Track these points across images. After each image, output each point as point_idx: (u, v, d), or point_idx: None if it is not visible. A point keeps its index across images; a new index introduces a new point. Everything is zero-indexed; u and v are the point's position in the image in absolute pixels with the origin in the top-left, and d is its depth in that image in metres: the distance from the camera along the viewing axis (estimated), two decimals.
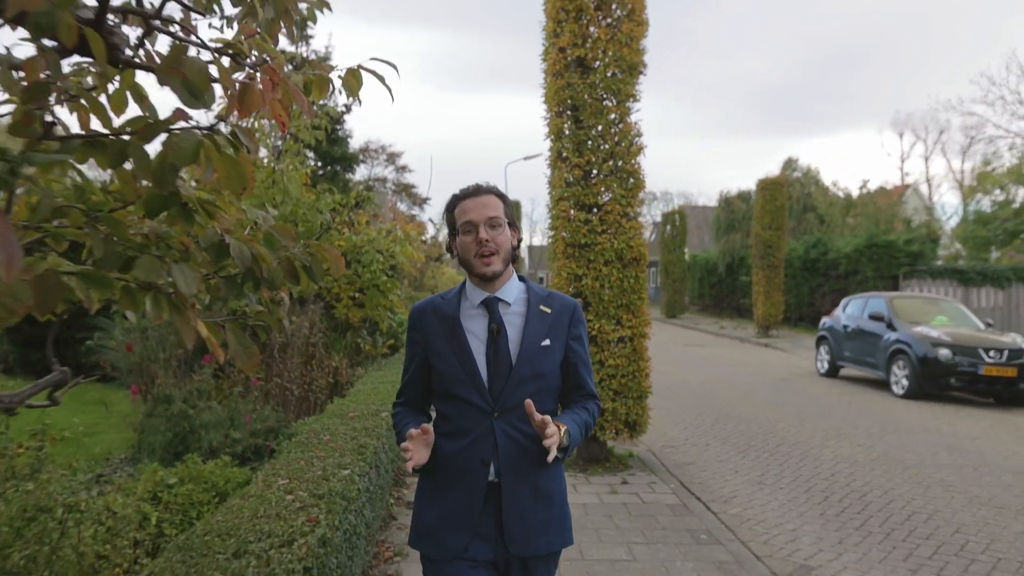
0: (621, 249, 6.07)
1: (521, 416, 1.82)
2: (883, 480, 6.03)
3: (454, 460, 1.85)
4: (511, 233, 1.90)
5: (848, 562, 4.31)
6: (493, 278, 1.86)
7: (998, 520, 5.06)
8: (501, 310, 1.89)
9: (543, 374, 1.88)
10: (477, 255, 1.84)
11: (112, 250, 1.41)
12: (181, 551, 2.10)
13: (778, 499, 5.54)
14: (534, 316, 1.89)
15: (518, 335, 1.87)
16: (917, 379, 10.00)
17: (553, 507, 1.90)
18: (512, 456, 1.83)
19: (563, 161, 6.22)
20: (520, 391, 1.83)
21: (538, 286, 1.99)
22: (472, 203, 1.87)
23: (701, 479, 6.07)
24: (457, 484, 1.85)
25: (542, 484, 1.88)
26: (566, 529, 1.93)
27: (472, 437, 1.84)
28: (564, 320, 1.93)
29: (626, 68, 6.10)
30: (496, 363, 1.84)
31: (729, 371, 13.17)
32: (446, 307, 1.92)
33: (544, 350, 1.88)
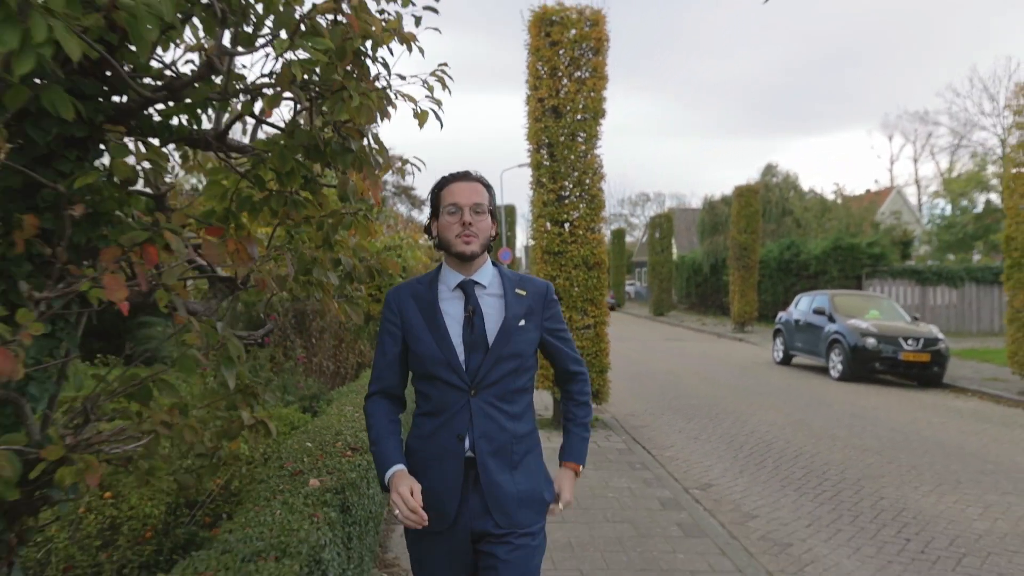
0: (586, 256, 7.79)
1: (497, 393, 1.91)
2: (789, 436, 7.76)
3: (433, 437, 1.93)
4: (491, 223, 1.98)
5: (741, 483, 6.01)
6: (471, 258, 1.92)
7: (863, 458, 6.77)
8: (476, 292, 1.96)
9: (519, 353, 1.93)
10: (459, 235, 1.90)
11: (302, 264, 3.11)
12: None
13: (704, 448, 7.26)
14: (510, 298, 1.96)
15: (495, 315, 1.94)
16: (849, 364, 11.75)
17: (531, 480, 1.95)
18: (487, 431, 1.89)
19: (541, 186, 7.94)
20: (497, 369, 1.90)
21: (510, 271, 2.06)
22: (460, 187, 1.94)
23: (649, 435, 7.78)
24: (437, 460, 1.91)
25: (518, 458, 1.93)
26: (545, 502, 1.99)
27: (449, 414, 1.90)
28: (539, 302, 2.00)
29: (591, 114, 7.82)
30: (472, 343, 1.90)
31: (698, 361, 14.90)
32: (423, 290, 1.98)
33: (520, 330, 1.94)
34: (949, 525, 4.94)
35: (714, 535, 4.56)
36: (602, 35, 7.85)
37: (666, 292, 31.80)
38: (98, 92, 2.15)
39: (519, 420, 1.95)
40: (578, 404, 2.14)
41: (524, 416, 1.98)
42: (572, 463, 2.08)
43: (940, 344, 11.46)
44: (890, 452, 7.04)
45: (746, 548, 4.44)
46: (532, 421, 2.03)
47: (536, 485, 1.96)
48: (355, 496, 3.10)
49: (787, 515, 5.15)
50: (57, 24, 1.56)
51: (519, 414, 1.96)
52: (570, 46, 7.79)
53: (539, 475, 1.99)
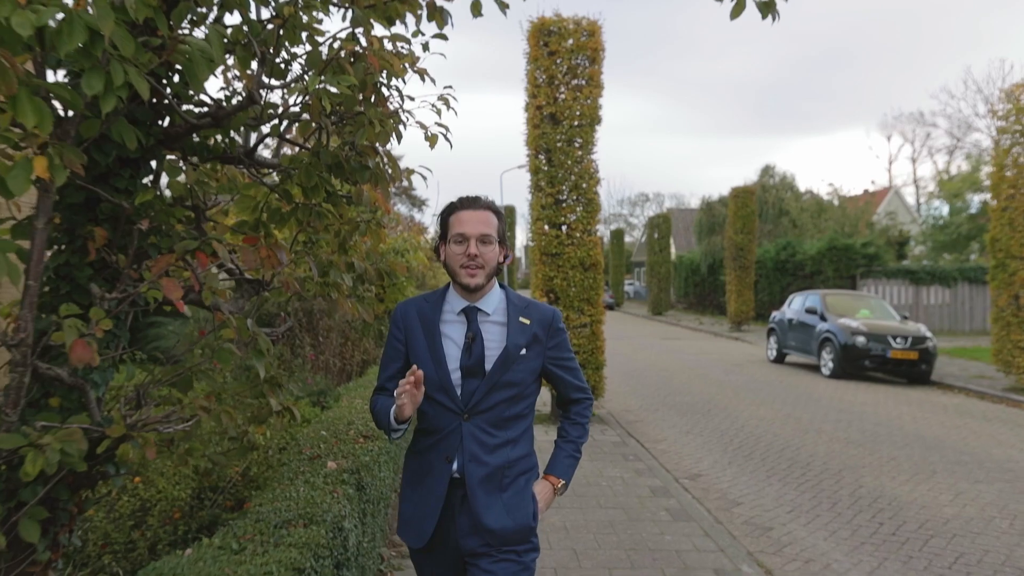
0: (583, 257, 8.11)
1: (490, 420, 1.92)
2: (777, 430, 8.07)
3: (425, 455, 1.97)
4: (499, 250, 1.96)
5: (729, 474, 6.33)
6: (475, 290, 1.93)
7: (846, 450, 7.09)
8: (480, 319, 1.96)
9: (516, 382, 1.94)
10: (463, 266, 1.90)
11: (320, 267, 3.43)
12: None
13: (695, 441, 7.58)
14: (513, 327, 1.95)
15: (496, 343, 1.94)
16: (839, 362, 12.07)
17: (517, 509, 1.95)
18: (476, 455, 1.90)
19: (539, 190, 8.26)
20: (492, 396, 1.92)
21: (517, 296, 2.05)
22: (468, 216, 1.92)
23: (642, 430, 8.10)
24: (426, 478, 1.95)
25: (508, 481, 1.95)
26: (531, 528, 1.97)
27: (441, 435, 1.93)
28: (543, 330, 1.99)
29: (587, 121, 8.14)
30: (470, 369, 1.92)
31: (694, 359, 15.22)
32: (428, 310, 2.00)
33: (520, 359, 1.94)
34: (920, 510, 5.26)
35: (700, 519, 4.88)
36: (598, 45, 8.16)
37: (664, 292, 32.13)
38: (149, 118, 2.46)
39: (514, 445, 1.96)
40: (573, 423, 2.14)
41: (520, 441, 1.99)
42: (553, 476, 2.07)
43: (928, 343, 11.78)
44: (872, 445, 7.36)
45: (729, 531, 4.76)
46: (529, 446, 2.03)
47: (522, 518, 1.94)
48: (369, 477, 3.41)
49: (770, 502, 5.47)
50: (131, 70, 1.88)
51: (514, 439, 1.97)
52: (567, 56, 8.10)
53: (526, 502, 1.97)
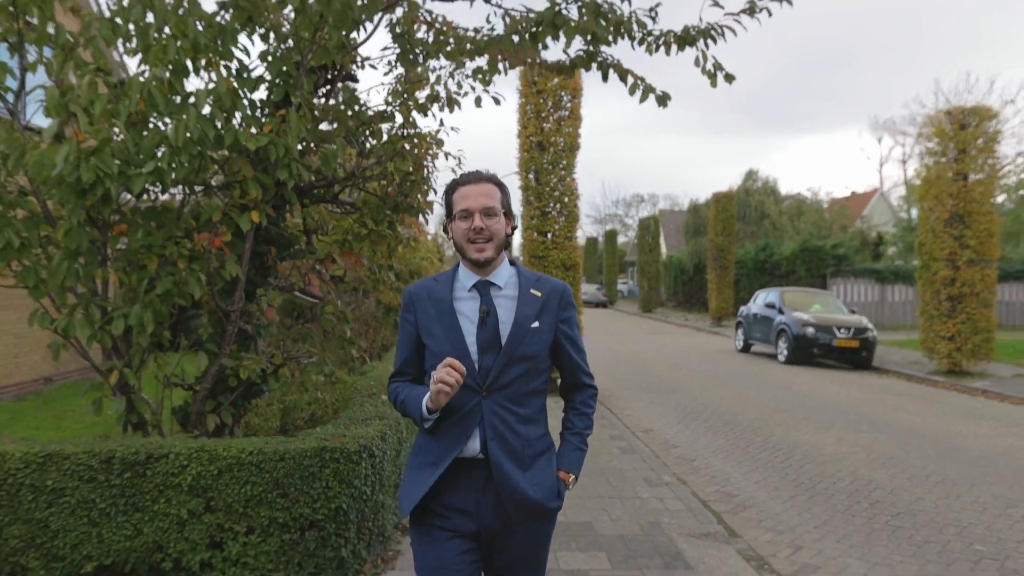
0: (564, 259, 9.88)
1: (510, 396, 1.89)
2: (726, 403, 9.84)
3: (443, 435, 1.91)
4: (506, 222, 1.95)
5: (674, 430, 8.09)
6: (485, 264, 1.91)
7: (773, 415, 8.86)
8: (492, 293, 1.93)
9: (532, 355, 1.90)
10: (471, 241, 1.89)
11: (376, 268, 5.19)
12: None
13: (655, 410, 9.34)
14: (524, 299, 1.93)
15: (509, 317, 1.91)
16: (792, 350, 13.85)
17: (542, 486, 1.91)
18: (499, 433, 1.87)
19: (529, 204, 10.03)
20: (509, 371, 1.88)
21: (528, 270, 2.03)
22: (471, 190, 1.91)
23: (614, 402, 9.86)
24: (444, 458, 1.89)
25: (529, 460, 1.91)
26: (556, 495, 1.94)
27: (461, 414, 1.88)
28: (554, 303, 1.96)
29: (568, 147, 9.91)
30: (485, 344, 1.89)
31: (672, 351, 16.99)
32: (439, 289, 1.97)
33: (533, 331, 1.91)
34: (809, 449, 7.04)
35: (642, 454, 6.65)
36: (578, 85, 9.93)
37: (654, 290, 33.92)
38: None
39: (531, 423, 1.93)
40: (579, 414, 2.08)
41: (537, 419, 1.96)
42: (563, 471, 2.00)
43: (868, 333, 13.57)
44: (795, 411, 9.14)
45: (663, 461, 6.53)
46: (545, 425, 2.00)
47: (545, 494, 1.91)
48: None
49: (699, 447, 7.25)
50: (298, 165, 3.65)
51: (531, 417, 1.94)
52: (552, 92, 9.86)
53: (548, 482, 1.93)
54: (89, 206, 3.38)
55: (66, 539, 3.23)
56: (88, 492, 3.22)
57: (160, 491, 3.26)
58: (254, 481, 3.30)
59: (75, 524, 3.23)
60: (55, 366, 10.02)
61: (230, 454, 3.30)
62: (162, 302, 3.55)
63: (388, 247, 4.98)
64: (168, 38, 3.41)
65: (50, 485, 3.21)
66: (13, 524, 3.20)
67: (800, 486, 5.83)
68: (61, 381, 10.13)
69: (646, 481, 5.72)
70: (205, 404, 3.97)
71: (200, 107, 3.26)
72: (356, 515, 3.57)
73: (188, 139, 3.25)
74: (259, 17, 3.58)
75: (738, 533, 4.71)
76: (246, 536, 3.33)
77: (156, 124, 3.47)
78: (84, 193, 3.29)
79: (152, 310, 3.52)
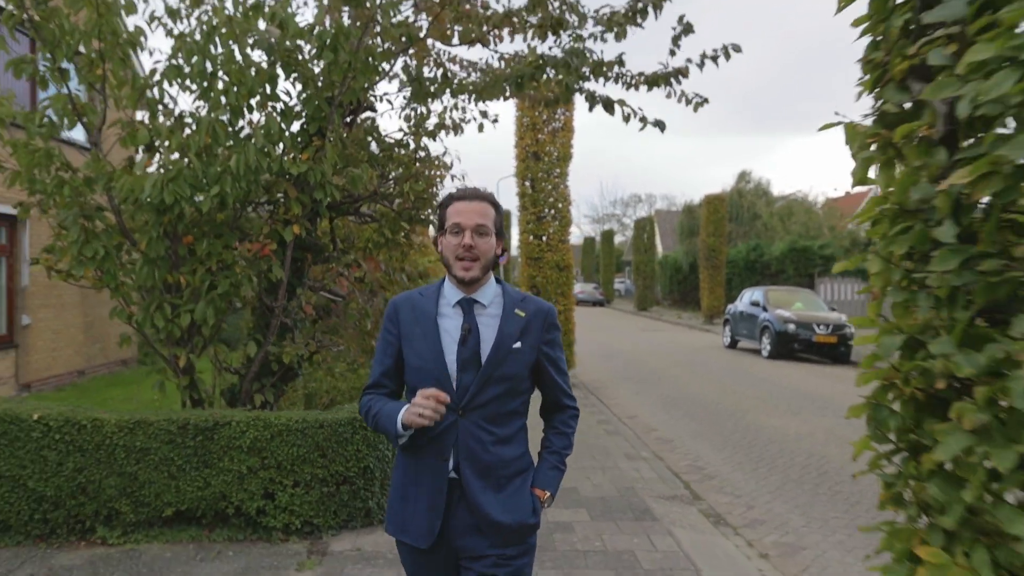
0: (558, 261, 10.69)
1: (486, 415, 1.86)
2: (707, 392, 10.65)
3: (421, 453, 1.89)
4: (496, 243, 1.93)
5: (658, 416, 8.89)
6: (470, 283, 1.89)
7: (747, 402, 9.67)
8: (476, 311, 1.91)
9: (511, 375, 1.88)
10: (459, 258, 1.87)
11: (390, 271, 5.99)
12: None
13: (641, 399, 10.15)
14: (508, 318, 1.91)
15: (491, 336, 1.89)
16: (775, 345, 14.66)
17: (516, 508, 1.89)
18: (472, 453, 1.85)
19: (525, 209, 10.83)
20: (487, 390, 1.86)
21: (514, 289, 2.01)
22: (465, 206, 1.89)
23: (604, 392, 10.67)
24: (421, 477, 1.88)
25: (504, 481, 1.89)
26: (532, 513, 1.92)
27: (436, 433, 1.85)
28: (537, 324, 1.94)
29: (561, 157, 10.70)
30: (465, 362, 1.86)
31: (663, 346, 17.80)
32: (423, 303, 1.94)
33: (515, 351, 1.89)
34: (775, 432, 7.85)
35: (625, 435, 7.45)
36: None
37: (649, 289, 34.72)
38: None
39: (508, 443, 1.91)
40: (559, 433, 2.06)
41: (515, 439, 1.94)
42: (538, 489, 1.97)
43: (846, 329, 14.37)
44: (771, 400, 9.96)
45: (644, 441, 7.33)
46: (524, 445, 1.98)
47: (520, 516, 1.89)
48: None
49: (678, 429, 8.05)
50: (332, 187, 4.46)
51: (509, 437, 1.91)
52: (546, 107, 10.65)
53: (524, 502, 1.91)
54: (166, 222, 4.18)
55: (151, 489, 4.03)
56: (168, 451, 4.02)
57: (225, 451, 4.06)
58: (300, 444, 4.10)
59: (158, 477, 4.02)
60: (86, 360, 10.83)
61: (280, 422, 4.10)
62: (221, 300, 4.35)
63: (402, 253, 5.78)
64: (228, 84, 4.21)
65: (139, 445, 4.00)
66: (109, 477, 4.00)
67: (761, 461, 6.63)
68: (92, 374, 10.93)
69: (626, 456, 6.52)
70: (252, 385, 4.76)
71: (258, 142, 4.05)
72: (380, 473, 4.37)
73: (247, 167, 4.05)
74: (301, 69, 4.37)
75: (701, 496, 5.52)
76: (293, 488, 4.12)
77: (217, 154, 4.27)
78: (163, 212, 4.09)
79: (213, 307, 4.32)
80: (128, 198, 4.10)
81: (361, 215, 5.50)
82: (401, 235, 5.33)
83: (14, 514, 3.97)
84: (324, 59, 4.23)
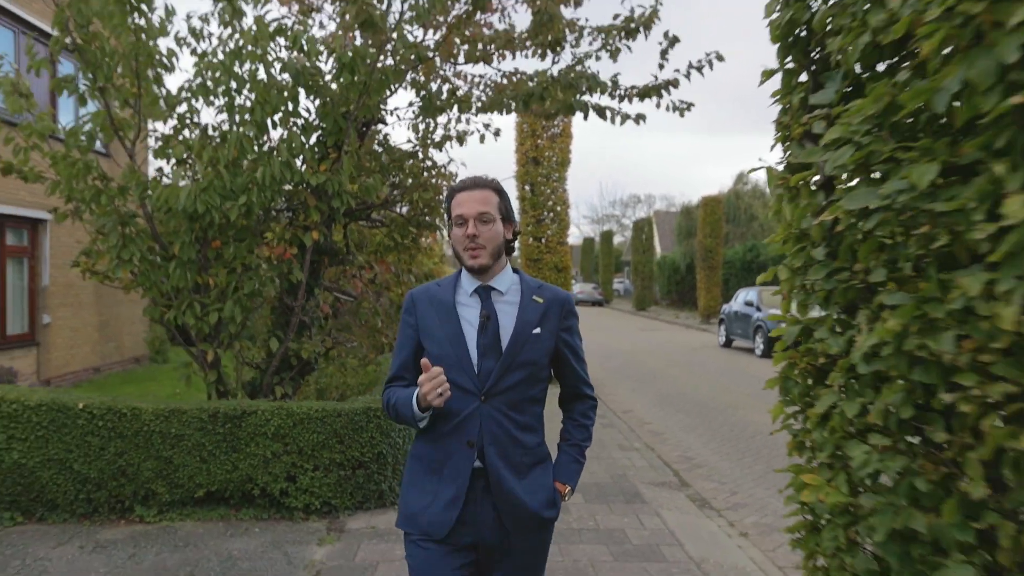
0: (556, 262, 11.09)
1: (508, 402, 1.87)
2: (699, 389, 11.05)
3: (441, 442, 1.88)
4: (504, 227, 1.93)
5: (652, 411, 9.29)
6: (481, 271, 1.90)
7: (738, 398, 10.07)
8: (494, 299, 1.92)
9: (532, 361, 1.89)
10: (466, 248, 1.89)
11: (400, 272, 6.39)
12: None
13: (637, 395, 10.55)
14: (526, 305, 1.92)
15: (510, 322, 1.90)
16: (768, 344, 15.05)
17: (536, 495, 1.89)
18: (497, 439, 1.85)
19: (525, 212, 11.23)
20: (509, 376, 1.86)
21: (530, 278, 2.02)
22: (466, 196, 1.90)
23: (602, 390, 11.05)
24: (444, 467, 1.87)
25: (525, 469, 1.89)
26: (552, 505, 1.92)
27: (459, 419, 1.85)
28: (556, 311, 1.95)
29: (560, 162, 11.10)
30: (486, 348, 1.87)
31: (660, 345, 18.20)
32: (441, 293, 1.96)
33: (534, 338, 1.90)
34: (763, 425, 8.24)
35: (620, 427, 7.85)
36: None
37: (648, 289, 35.12)
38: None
39: (529, 431, 1.92)
40: (578, 425, 2.07)
41: (534, 428, 1.95)
42: (559, 483, 1.98)
43: None
44: (761, 396, 10.35)
45: (637, 433, 7.73)
46: (542, 434, 1.99)
47: (541, 503, 1.90)
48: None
49: (671, 424, 8.45)
50: (348, 196, 4.86)
51: (529, 425, 1.92)
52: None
53: (544, 491, 1.92)
54: (197, 228, 4.57)
55: (184, 471, 4.42)
56: (200, 437, 4.42)
57: (251, 437, 4.45)
58: (319, 431, 4.49)
59: (191, 460, 4.42)
60: (101, 357, 11.23)
61: (302, 411, 4.49)
62: (247, 299, 4.74)
63: (410, 256, 6.18)
64: (254, 103, 4.61)
65: (173, 432, 4.40)
66: (147, 460, 4.39)
67: (747, 452, 7.03)
68: (107, 371, 11.32)
69: (620, 447, 6.92)
70: (273, 378, 5.16)
71: (282, 156, 4.45)
72: (392, 459, 4.77)
73: (272, 179, 4.44)
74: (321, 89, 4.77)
75: (689, 483, 5.92)
76: (313, 472, 4.52)
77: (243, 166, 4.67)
78: (195, 219, 4.48)
79: (240, 306, 4.71)
80: (162, 206, 4.50)
81: (372, 221, 5.89)
82: (409, 239, 5.72)
83: (61, 494, 4.37)
84: (343, 79, 4.62)
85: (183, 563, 3.84)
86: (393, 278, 5.69)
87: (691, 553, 4.20)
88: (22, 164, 4.77)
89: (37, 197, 9.21)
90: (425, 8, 4.73)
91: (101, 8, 4.42)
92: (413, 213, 5.55)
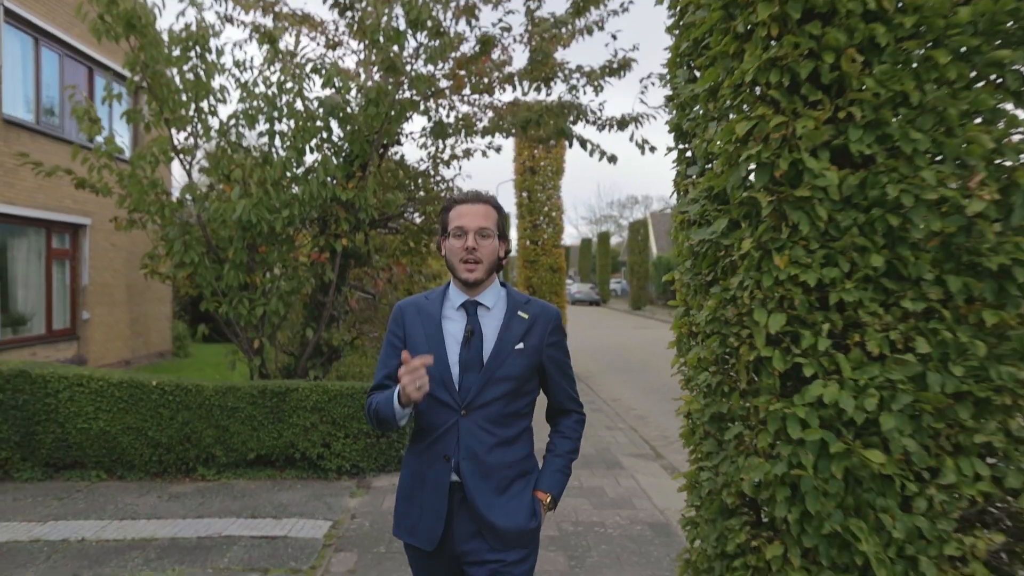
0: (551, 263, 12.02)
1: (489, 416, 1.88)
2: None
3: (422, 455, 1.91)
4: (499, 244, 1.95)
5: (637, 400, 10.21)
6: (475, 285, 1.91)
7: None
8: (480, 314, 1.94)
9: (513, 376, 1.90)
10: (462, 260, 1.89)
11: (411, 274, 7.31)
12: None
13: (626, 387, 11.46)
14: (510, 320, 1.93)
15: (493, 336, 1.91)
16: None
17: (517, 500, 1.90)
18: (474, 453, 1.86)
19: (522, 218, 12.16)
20: (489, 391, 1.88)
21: (518, 292, 2.03)
22: (467, 209, 1.91)
23: (593, 379, 11.98)
24: (425, 479, 1.90)
25: (505, 483, 1.90)
26: (532, 515, 1.91)
27: (438, 433, 1.87)
28: (541, 327, 1.96)
29: (554, 171, 12.03)
30: (468, 363, 1.88)
31: (651, 341, 19.12)
32: (428, 306, 1.97)
33: (516, 353, 1.91)
34: None
35: (608, 412, 8.77)
36: None
37: (643, 289, 36.06)
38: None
39: (512, 445, 1.92)
40: (564, 438, 2.07)
41: (519, 441, 1.95)
42: (541, 491, 1.96)
43: None
44: None
45: (623, 418, 8.64)
46: (528, 448, 1.98)
47: (520, 520, 1.88)
48: None
49: (654, 410, 9.37)
50: (372, 209, 5.79)
51: (512, 439, 1.92)
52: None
53: (524, 505, 1.91)
54: (248, 237, 5.49)
55: (238, 438, 5.34)
56: (252, 410, 5.33)
57: (294, 410, 5.37)
58: (350, 404, 5.41)
59: (244, 429, 5.33)
60: (132, 351, 12.16)
61: (336, 388, 5.41)
62: (289, 296, 5.66)
63: (421, 259, 7.10)
64: (294, 131, 5.53)
65: (230, 405, 5.31)
66: (207, 428, 5.31)
67: None
68: (136, 364, 12.25)
69: (606, 427, 7.84)
70: (307, 363, 6.07)
71: (319, 177, 5.36)
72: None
73: (311, 195, 5.36)
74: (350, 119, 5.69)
75: (663, 455, 6.84)
76: (344, 439, 5.43)
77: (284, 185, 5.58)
78: (247, 229, 5.40)
79: (283, 301, 5.63)
80: (216, 218, 5.41)
81: (390, 228, 6.82)
82: (421, 244, 6.64)
83: (137, 456, 5.28)
84: (369, 111, 5.54)
85: (244, 508, 4.76)
86: (407, 278, 6.60)
87: (657, 504, 5.13)
88: (96, 181, 5.68)
89: (79, 204, 10.13)
90: (438, 50, 5.64)
91: (168, 54, 5.34)
92: (425, 222, 6.46)
